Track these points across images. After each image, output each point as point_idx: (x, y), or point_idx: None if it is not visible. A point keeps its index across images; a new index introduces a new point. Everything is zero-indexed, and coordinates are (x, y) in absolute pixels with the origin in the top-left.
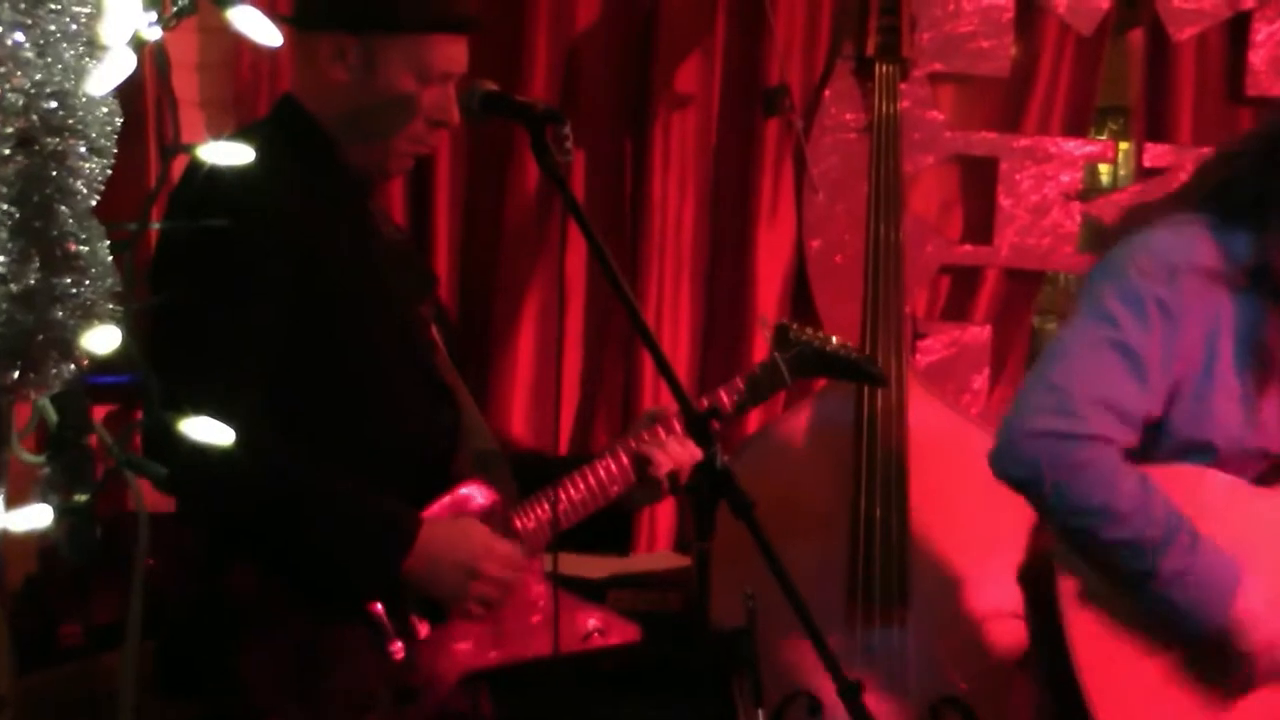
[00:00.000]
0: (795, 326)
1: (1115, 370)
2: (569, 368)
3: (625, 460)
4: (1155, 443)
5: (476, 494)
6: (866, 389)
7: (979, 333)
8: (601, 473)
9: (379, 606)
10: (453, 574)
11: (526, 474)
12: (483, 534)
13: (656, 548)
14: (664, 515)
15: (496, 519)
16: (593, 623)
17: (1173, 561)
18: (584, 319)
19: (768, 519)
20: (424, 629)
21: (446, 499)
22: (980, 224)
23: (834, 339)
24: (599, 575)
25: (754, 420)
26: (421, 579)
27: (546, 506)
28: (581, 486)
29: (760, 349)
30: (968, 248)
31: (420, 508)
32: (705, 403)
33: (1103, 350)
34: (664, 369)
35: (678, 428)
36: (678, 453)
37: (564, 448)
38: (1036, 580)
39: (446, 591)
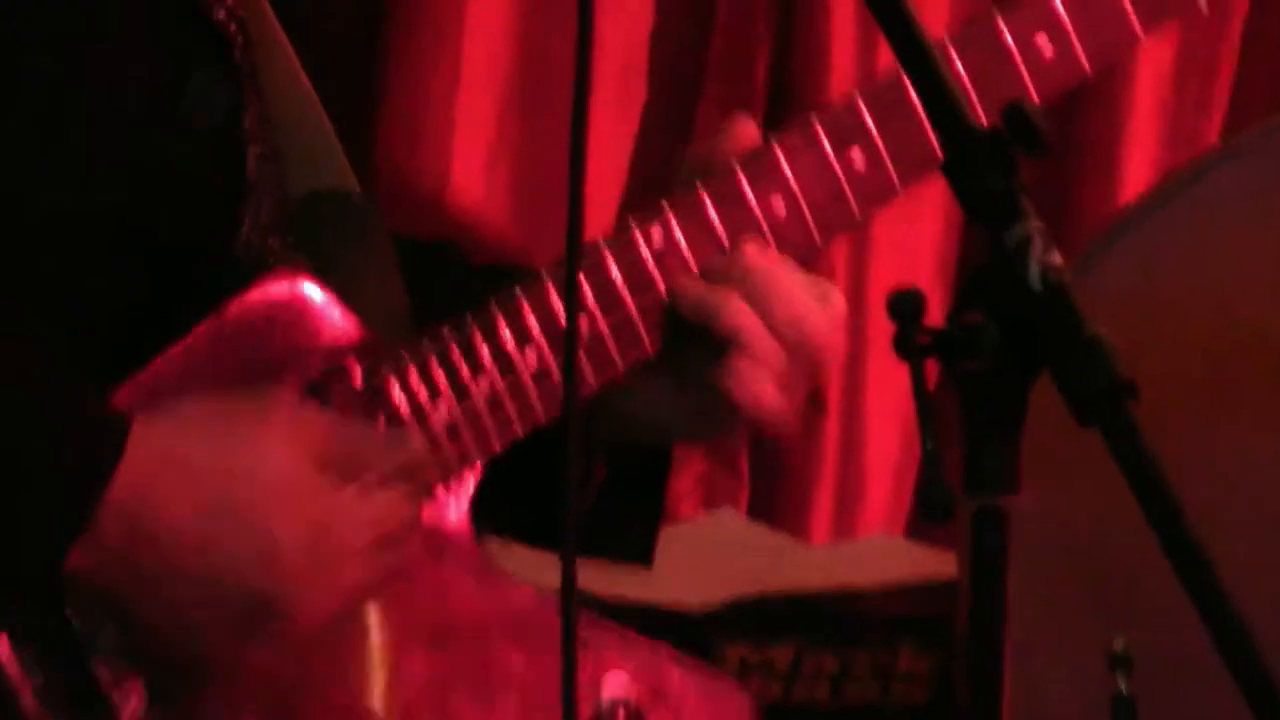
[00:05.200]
0: None
1: None
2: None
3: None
4: None
5: (298, 315)
6: None
7: None
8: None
9: (3, 645)
10: (227, 581)
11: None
12: (299, 468)
13: (865, 526)
14: (883, 426)
15: (353, 399)
16: (617, 687)
17: None
18: None
19: (1173, 439)
20: (134, 700)
21: (201, 335)
22: None
23: None
24: (701, 601)
25: (1130, 174)
26: (125, 586)
27: (487, 358)
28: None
29: None
30: None
31: (130, 369)
32: (969, 86)
33: None
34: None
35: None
36: (807, 304)
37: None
38: None
39: (189, 624)
